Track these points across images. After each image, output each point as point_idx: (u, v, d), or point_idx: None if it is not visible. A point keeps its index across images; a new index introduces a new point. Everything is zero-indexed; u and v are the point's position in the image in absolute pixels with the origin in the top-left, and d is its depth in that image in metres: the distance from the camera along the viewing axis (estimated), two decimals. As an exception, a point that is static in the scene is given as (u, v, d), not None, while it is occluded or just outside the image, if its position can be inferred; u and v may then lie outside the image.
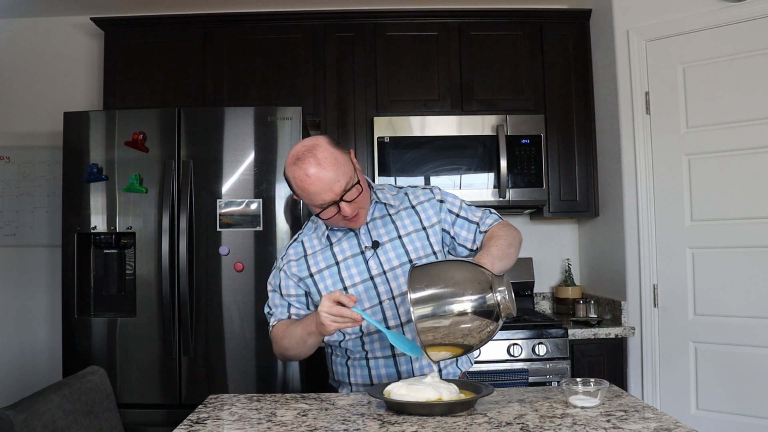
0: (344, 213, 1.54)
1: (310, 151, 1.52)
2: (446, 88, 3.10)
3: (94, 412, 1.57)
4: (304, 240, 1.74)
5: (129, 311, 2.54)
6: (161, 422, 2.45)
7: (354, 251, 1.66)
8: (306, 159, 1.51)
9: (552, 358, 2.68)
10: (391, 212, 1.70)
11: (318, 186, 1.51)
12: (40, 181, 3.36)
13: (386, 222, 1.69)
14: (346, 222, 1.60)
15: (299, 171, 1.52)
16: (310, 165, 1.51)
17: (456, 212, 1.72)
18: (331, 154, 1.52)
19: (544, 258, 3.43)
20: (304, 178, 1.51)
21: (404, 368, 1.64)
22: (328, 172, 1.50)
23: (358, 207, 1.57)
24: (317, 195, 1.52)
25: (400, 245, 1.65)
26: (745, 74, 2.56)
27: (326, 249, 1.69)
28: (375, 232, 1.67)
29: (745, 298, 2.54)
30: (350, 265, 1.66)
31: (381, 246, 1.65)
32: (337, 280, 1.65)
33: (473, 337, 1.36)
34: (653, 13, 2.80)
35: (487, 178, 2.98)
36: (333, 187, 1.51)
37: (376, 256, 1.65)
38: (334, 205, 1.53)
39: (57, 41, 3.41)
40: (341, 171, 1.52)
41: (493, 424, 1.28)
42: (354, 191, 1.54)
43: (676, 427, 1.23)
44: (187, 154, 2.54)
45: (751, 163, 2.54)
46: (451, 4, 3.24)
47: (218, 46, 3.09)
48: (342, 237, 1.69)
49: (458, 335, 1.35)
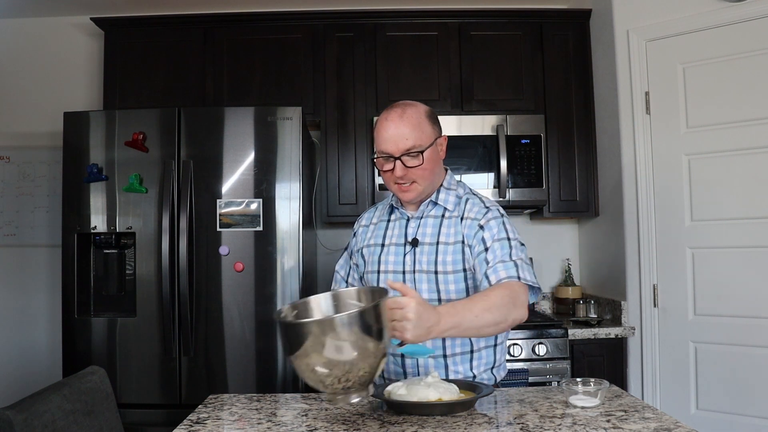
0: (395, 172, 1.59)
1: (404, 105, 1.63)
2: (446, 88, 3.10)
3: (94, 412, 1.57)
4: (378, 207, 1.83)
5: (129, 311, 2.54)
6: (161, 422, 2.44)
7: (399, 240, 1.69)
8: (396, 107, 1.62)
9: (552, 358, 2.68)
10: (445, 215, 1.68)
11: (389, 133, 1.59)
12: (40, 181, 3.36)
13: (436, 224, 1.68)
14: (398, 186, 1.64)
15: (384, 114, 1.62)
16: (395, 113, 1.60)
17: (488, 245, 1.59)
18: (419, 117, 1.61)
19: (544, 258, 3.43)
20: (383, 120, 1.61)
21: (410, 371, 1.64)
22: (404, 127, 1.58)
23: (411, 177, 1.61)
24: (384, 141, 1.60)
25: (434, 252, 1.64)
26: (745, 74, 2.56)
27: (382, 225, 1.75)
28: (422, 229, 1.68)
29: (745, 298, 2.54)
30: (390, 252, 1.69)
31: (419, 245, 1.66)
32: (375, 261, 1.71)
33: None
34: (653, 13, 2.80)
35: (487, 178, 2.98)
36: (398, 142, 1.58)
37: (413, 254, 1.66)
38: (391, 159, 1.60)
39: (57, 41, 3.41)
40: (416, 134, 1.59)
41: (493, 424, 1.28)
42: (415, 160, 1.59)
43: (676, 427, 1.23)
44: (187, 154, 2.54)
45: (751, 163, 2.54)
46: (451, 4, 3.24)
47: (218, 46, 3.09)
48: (397, 220, 1.73)
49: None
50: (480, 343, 1.64)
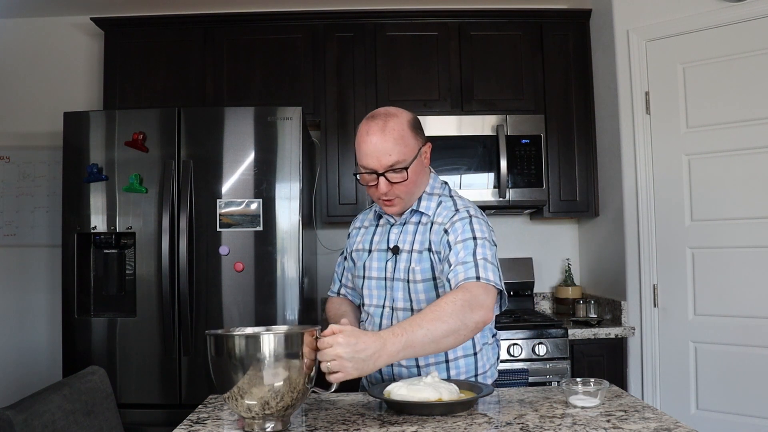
0: (380, 189, 1.54)
1: (385, 116, 1.54)
2: (446, 88, 3.10)
3: (94, 412, 1.57)
4: (372, 210, 1.78)
5: (129, 311, 2.54)
6: (161, 422, 2.44)
7: (382, 246, 1.67)
8: (377, 120, 1.53)
9: (552, 358, 2.68)
10: (423, 221, 1.63)
11: (370, 148, 1.51)
12: (40, 181, 3.36)
13: (414, 231, 1.64)
14: (381, 202, 1.61)
15: (365, 126, 1.54)
16: (376, 125, 1.52)
17: (452, 244, 1.52)
18: (401, 129, 1.53)
19: (544, 258, 3.43)
20: (364, 134, 1.53)
21: (414, 371, 1.63)
22: (386, 142, 1.51)
23: (396, 193, 1.56)
24: (365, 156, 1.53)
25: (409, 259, 1.61)
26: (745, 74, 2.56)
27: (371, 230, 1.73)
28: (403, 236, 1.64)
29: (745, 298, 2.54)
30: (374, 258, 1.67)
31: (400, 253, 1.64)
32: (361, 266, 1.69)
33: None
34: (653, 13, 2.80)
35: (487, 178, 2.98)
36: (381, 158, 1.51)
37: (394, 261, 1.64)
38: (374, 175, 1.54)
39: (57, 41, 3.41)
40: (399, 148, 1.51)
41: (493, 424, 1.28)
42: (398, 176, 1.53)
43: (676, 427, 1.23)
44: (187, 154, 2.54)
45: (751, 163, 2.54)
46: (451, 4, 3.24)
47: (218, 46, 3.09)
48: (382, 225, 1.71)
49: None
50: (457, 351, 1.58)
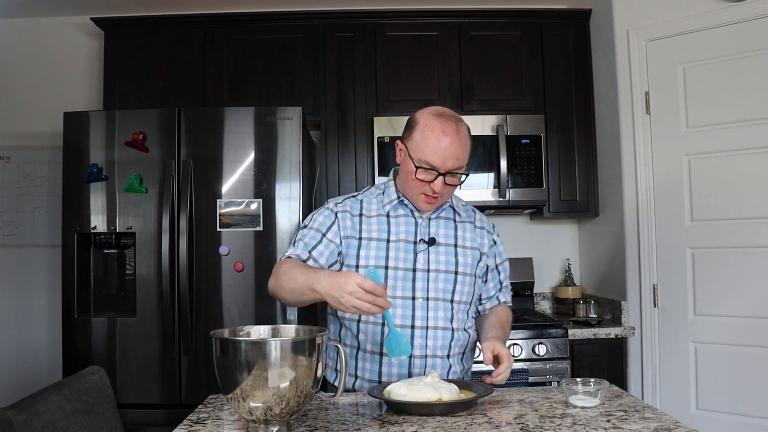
0: (434, 187, 1.56)
1: (455, 120, 1.59)
2: (446, 88, 3.10)
3: (94, 412, 1.56)
4: (363, 200, 1.71)
5: (129, 311, 2.54)
6: (161, 422, 2.44)
7: (409, 237, 1.65)
8: (450, 121, 1.57)
9: (552, 358, 2.68)
10: (457, 219, 1.72)
11: (442, 148, 1.54)
12: (40, 181, 3.36)
13: (449, 226, 1.70)
14: (423, 197, 1.60)
15: (438, 124, 1.55)
16: (451, 127, 1.56)
17: (498, 263, 1.80)
18: (467, 137, 1.61)
19: (544, 258, 3.43)
20: (439, 133, 1.55)
21: (417, 371, 1.63)
22: (459, 147, 1.56)
23: (445, 194, 1.61)
24: (434, 153, 1.54)
25: (453, 253, 1.66)
26: (745, 74, 2.56)
27: (383, 219, 1.67)
28: (435, 230, 1.67)
29: (745, 298, 2.54)
30: (400, 248, 1.64)
31: (436, 245, 1.65)
32: (382, 256, 1.63)
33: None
34: (653, 13, 2.80)
35: (487, 178, 2.98)
36: (448, 160, 1.55)
37: (428, 252, 1.64)
38: (436, 173, 1.55)
39: (57, 41, 3.41)
40: (465, 156, 1.59)
41: (493, 424, 1.28)
42: (455, 179, 1.59)
43: (676, 427, 1.23)
44: (187, 154, 2.54)
45: (751, 163, 2.54)
46: (451, 4, 3.24)
47: (218, 46, 3.09)
48: (402, 216, 1.68)
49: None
50: (455, 349, 1.69)
